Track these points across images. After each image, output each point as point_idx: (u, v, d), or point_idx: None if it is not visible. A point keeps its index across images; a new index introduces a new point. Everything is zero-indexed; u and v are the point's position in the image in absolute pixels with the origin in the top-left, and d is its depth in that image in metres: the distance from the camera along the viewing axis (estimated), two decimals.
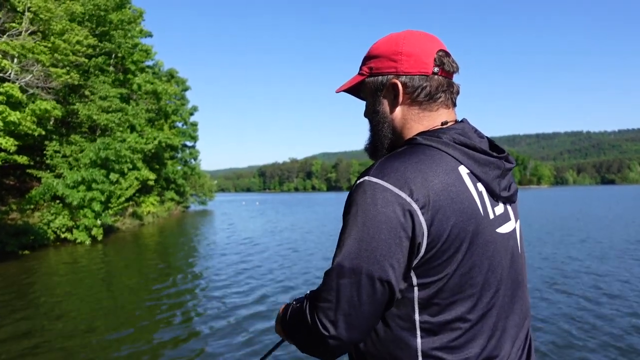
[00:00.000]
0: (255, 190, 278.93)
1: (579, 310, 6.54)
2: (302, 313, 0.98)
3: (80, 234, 15.16)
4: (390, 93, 1.06)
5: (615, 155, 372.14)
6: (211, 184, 45.31)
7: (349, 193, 0.96)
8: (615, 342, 5.28)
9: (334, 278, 0.91)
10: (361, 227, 0.89)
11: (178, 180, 32.74)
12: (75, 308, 7.47)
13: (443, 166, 0.93)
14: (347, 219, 0.92)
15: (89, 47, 17.33)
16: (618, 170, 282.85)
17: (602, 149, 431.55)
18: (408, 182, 0.89)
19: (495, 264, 0.97)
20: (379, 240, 0.88)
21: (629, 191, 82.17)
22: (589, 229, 17.53)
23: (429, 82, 1.03)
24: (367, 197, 0.90)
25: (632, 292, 7.48)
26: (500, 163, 1.01)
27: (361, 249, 0.89)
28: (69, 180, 14.93)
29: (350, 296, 0.89)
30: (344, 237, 0.92)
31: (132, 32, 20.73)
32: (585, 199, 51.03)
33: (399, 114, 1.06)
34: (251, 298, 7.75)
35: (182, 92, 33.47)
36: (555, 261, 10.42)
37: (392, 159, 0.94)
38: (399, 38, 1.06)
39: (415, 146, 0.98)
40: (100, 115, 16.75)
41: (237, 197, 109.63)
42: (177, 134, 30.62)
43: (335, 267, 0.91)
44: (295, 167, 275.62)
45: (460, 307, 0.93)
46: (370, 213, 0.89)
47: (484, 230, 0.95)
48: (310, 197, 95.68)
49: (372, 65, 1.08)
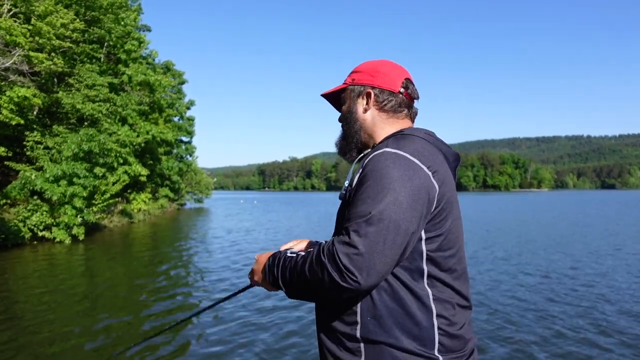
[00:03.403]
0: (254, 188, 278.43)
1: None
2: (318, 263, 1.07)
3: (59, 232, 13.98)
4: (364, 99, 1.36)
5: (615, 160, 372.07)
6: (208, 181, 44.08)
7: (366, 163, 1.15)
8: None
9: (366, 227, 1.03)
10: (389, 185, 1.06)
11: (173, 176, 31.57)
12: (51, 312, 6.58)
13: (431, 148, 1.22)
14: (374, 181, 1.09)
15: (76, 32, 16.16)
16: (618, 175, 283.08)
17: (602, 153, 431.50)
18: (419, 154, 1.15)
19: (460, 226, 1.26)
20: (405, 195, 1.06)
21: (628, 196, 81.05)
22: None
23: (395, 98, 1.34)
24: (390, 162, 1.10)
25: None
26: (454, 152, 1.32)
27: (394, 202, 1.05)
28: (48, 173, 13.74)
29: (381, 244, 1.02)
30: (374, 193, 1.07)
31: (126, 20, 19.52)
32: (585, 203, 49.92)
33: (369, 117, 1.35)
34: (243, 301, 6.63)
35: (178, 85, 32.26)
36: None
37: (397, 139, 1.22)
38: (379, 62, 1.39)
39: (406, 135, 1.25)
40: (86, 104, 15.54)
41: (235, 195, 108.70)
42: (172, 129, 29.36)
43: (370, 217, 1.04)
44: (295, 166, 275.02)
45: (451, 259, 1.18)
46: (397, 174, 1.08)
47: (456, 200, 1.25)
48: (314, 197, 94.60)
49: (354, 77, 1.39)
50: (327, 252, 1.06)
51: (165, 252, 13.31)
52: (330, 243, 1.08)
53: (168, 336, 5.43)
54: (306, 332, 5.58)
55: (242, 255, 12.08)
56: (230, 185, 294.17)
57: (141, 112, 20.60)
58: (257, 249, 13.15)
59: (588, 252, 12.10)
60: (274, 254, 1.27)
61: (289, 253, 1.23)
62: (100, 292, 8.09)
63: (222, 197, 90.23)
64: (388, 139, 1.26)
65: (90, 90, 16.24)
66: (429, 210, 1.11)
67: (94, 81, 16.32)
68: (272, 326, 5.85)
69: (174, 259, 11.96)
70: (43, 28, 14.72)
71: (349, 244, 1.02)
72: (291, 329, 5.72)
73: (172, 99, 28.95)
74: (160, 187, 30.58)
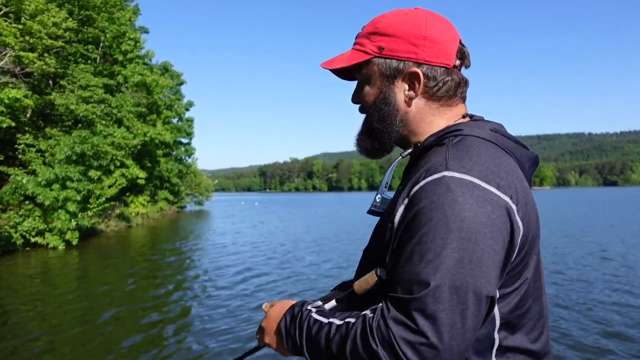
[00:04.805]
0: (255, 189, 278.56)
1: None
2: (367, 351, 0.74)
3: (52, 238, 13.52)
4: (407, 82, 0.92)
5: (617, 156, 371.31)
6: (208, 183, 43.61)
7: (418, 194, 0.78)
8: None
9: (434, 304, 0.70)
10: (457, 234, 0.73)
11: (172, 179, 31.10)
12: (43, 321, 6.33)
13: (506, 159, 0.85)
14: (431, 225, 0.74)
15: (68, 31, 15.72)
16: (620, 172, 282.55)
17: (603, 150, 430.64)
18: (495, 175, 0.79)
19: (541, 260, 0.92)
20: (483, 247, 0.73)
21: (631, 193, 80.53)
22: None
23: (450, 76, 0.92)
24: (459, 195, 0.75)
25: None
26: (532, 154, 0.94)
27: (463, 260, 0.72)
28: (40, 177, 13.29)
29: (460, 325, 0.71)
30: (434, 248, 0.72)
31: (121, 20, 19.07)
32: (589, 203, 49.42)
33: (414, 107, 0.94)
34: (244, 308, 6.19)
35: (177, 86, 31.79)
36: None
37: (458, 149, 0.83)
38: (422, 19, 0.91)
39: (466, 137, 0.86)
40: (80, 105, 15.08)
41: (236, 197, 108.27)
42: (171, 130, 28.86)
43: (438, 289, 0.70)
44: (296, 167, 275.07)
45: (532, 310, 0.87)
46: (470, 215, 0.74)
47: (539, 227, 0.89)
48: (315, 198, 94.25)
49: (382, 45, 0.92)
50: (380, 336, 0.73)
51: (162, 257, 12.86)
52: (381, 320, 0.73)
53: None
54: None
55: (241, 259, 11.62)
56: (231, 186, 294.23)
57: (138, 113, 20.12)
58: (258, 254, 12.66)
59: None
60: (291, 308, 0.92)
61: (315, 312, 0.88)
62: (94, 300, 7.76)
63: (223, 199, 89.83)
64: (441, 140, 0.88)
65: (85, 91, 15.79)
66: (509, 260, 0.79)
67: (87, 82, 15.86)
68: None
69: (171, 264, 11.51)
70: (34, 27, 14.27)
71: (413, 330, 0.70)
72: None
73: (170, 100, 28.48)
74: (159, 189, 30.10)
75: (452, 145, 0.84)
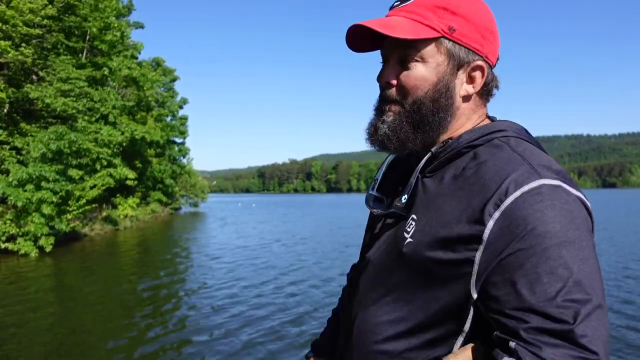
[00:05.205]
0: (254, 191, 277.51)
1: None
2: None
3: (25, 244, 12.27)
4: (468, 75, 0.84)
5: (615, 158, 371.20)
6: (203, 184, 42.33)
7: (518, 206, 0.70)
8: None
9: (595, 321, 0.65)
10: (588, 248, 0.70)
11: (166, 180, 29.88)
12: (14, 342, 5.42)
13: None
14: (565, 240, 0.68)
15: (46, 19, 14.51)
16: (619, 174, 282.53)
17: (602, 152, 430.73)
18: (574, 183, 0.76)
19: None
20: (596, 261, 0.71)
21: (629, 195, 79.75)
22: None
23: (493, 76, 0.87)
24: (575, 208, 0.72)
25: None
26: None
27: (599, 277, 0.70)
28: (12, 177, 12.06)
29: (605, 338, 0.67)
30: (579, 264, 0.67)
31: (107, 10, 17.81)
32: None
33: (467, 104, 0.86)
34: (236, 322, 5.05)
35: (170, 82, 30.55)
36: None
37: (533, 153, 0.77)
38: (489, 9, 0.85)
39: (517, 139, 0.81)
40: (57, 99, 13.84)
41: (234, 199, 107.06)
42: (163, 128, 27.60)
43: (590, 310, 0.66)
44: (295, 168, 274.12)
45: None
46: (579, 222, 0.71)
47: None
48: (313, 199, 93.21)
49: (455, 27, 0.80)
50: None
51: (147, 263, 11.68)
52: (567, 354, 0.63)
53: None
54: None
55: (233, 264, 10.40)
56: (230, 188, 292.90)
57: (125, 108, 18.88)
58: (252, 257, 11.45)
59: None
60: None
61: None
62: (68, 315, 6.73)
63: (220, 200, 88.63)
64: (489, 140, 0.80)
65: (64, 83, 14.55)
66: None
67: (68, 74, 14.62)
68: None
69: (155, 272, 10.32)
70: (7, 13, 13.06)
71: (594, 352, 0.62)
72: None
73: (163, 97, 27.27)
74: (152, 191, 28.87)
75: (519, 148, 0.78)
